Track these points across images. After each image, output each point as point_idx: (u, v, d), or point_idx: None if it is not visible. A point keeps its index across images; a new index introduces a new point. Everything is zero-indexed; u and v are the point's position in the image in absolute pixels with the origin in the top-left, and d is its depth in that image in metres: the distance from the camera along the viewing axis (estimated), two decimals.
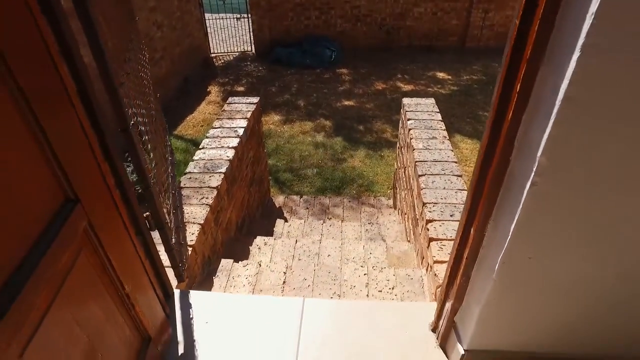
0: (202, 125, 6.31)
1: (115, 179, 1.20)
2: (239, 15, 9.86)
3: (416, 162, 2.51)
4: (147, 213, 1.41)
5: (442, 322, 1.46)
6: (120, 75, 1.26)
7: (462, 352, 1.33)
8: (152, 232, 1.47)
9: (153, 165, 1.53)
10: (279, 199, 4.23)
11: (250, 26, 9.34)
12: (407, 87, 7.56)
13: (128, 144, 1.30)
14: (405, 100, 3.27)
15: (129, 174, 1.29)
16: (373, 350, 1.56)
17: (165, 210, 1.63)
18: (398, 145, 3.62)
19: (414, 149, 2.63)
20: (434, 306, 1.58)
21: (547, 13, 0.75)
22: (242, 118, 3.12)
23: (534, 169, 0.86)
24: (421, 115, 3.04)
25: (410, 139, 2.78)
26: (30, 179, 0.83)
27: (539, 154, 0.84)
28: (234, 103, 3.35)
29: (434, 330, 1.58)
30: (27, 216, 0.81)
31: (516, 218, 0.93)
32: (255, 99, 3.39)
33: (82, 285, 0.98)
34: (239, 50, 9.71)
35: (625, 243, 0.98)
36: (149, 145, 1.52)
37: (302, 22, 9.40)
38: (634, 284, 1.08)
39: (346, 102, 7.08)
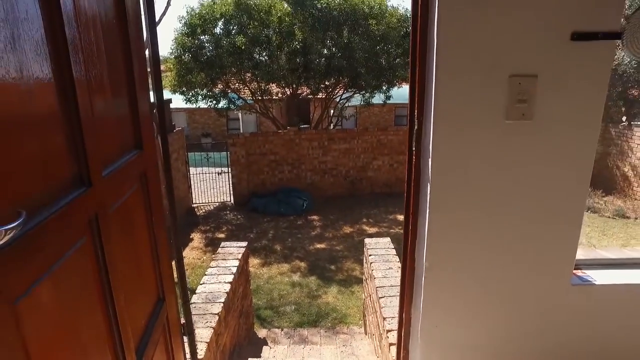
0: (186, 270, 6.80)
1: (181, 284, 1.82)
2: (220, 170, 11.13)
3: (377, 287, 3.17)
4: (183, 321, 1.98)
5: None
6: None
7: None
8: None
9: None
10: (262, 332, 4.63)
11: (230, 179, 10.55)
12: (372, 230, 8.52)
13: (179, 272, 1.95)
14: (367, 240, 4.07)
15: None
16: None
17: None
18: (364, 278, 4.28)
19: (374, 278, 3.31)
20: None
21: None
22: (234, 259, 3.78)
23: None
24: (380, 251, 3.81)
25: (372, 270, 3.48)
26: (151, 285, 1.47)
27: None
28: (227, 247, 4.04)
29: None
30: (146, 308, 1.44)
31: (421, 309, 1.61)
32: (244, 243, 4.10)
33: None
34: (219, 200, 10.73)
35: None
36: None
37: (276, 175, 10.73)
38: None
39: (318, 245, 7.85)
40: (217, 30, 10.44)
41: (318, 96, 11.68)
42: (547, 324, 1.65)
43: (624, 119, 12.32)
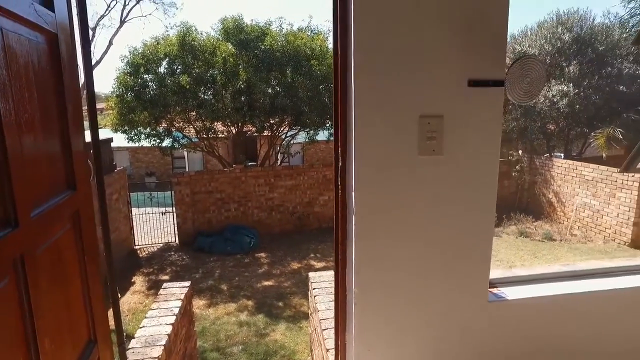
0: (126, 315, 6.44)
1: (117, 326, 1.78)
2: (164, 210, 10.81)
3: (320, 320, 3.21)
4: None
5: None
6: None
7: None
8: None
9: None
10: None
11: (175, 219, 10.26)
12: (319, 264, 8.56)
13: (115, 314, 1.91)
14: (311, 275, 4.13)
15: None
16: None
17: None
18: (309, 312, 4.31)
19: (318, 311, 3.36)
20: None
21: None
22: (177, 299, 3.68)
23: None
24: (323, 284, 3.87)
25: (316, 304, 3.53)
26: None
27: None
28: (169, 287, 3.93)
29: None
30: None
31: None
32: (187, 283, 4.01)
33: None
34: (163, 241, 10.36)
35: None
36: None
37: (222, 213, 10.59)
38: None
39: (266, 283, 7.76)
40: (161, 69, 10.44)
41: (264, 134, 11.84)
42: (470, 338, 1.79)
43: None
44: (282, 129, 11.88)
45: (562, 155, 13.78)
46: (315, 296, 3.65)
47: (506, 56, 1.54)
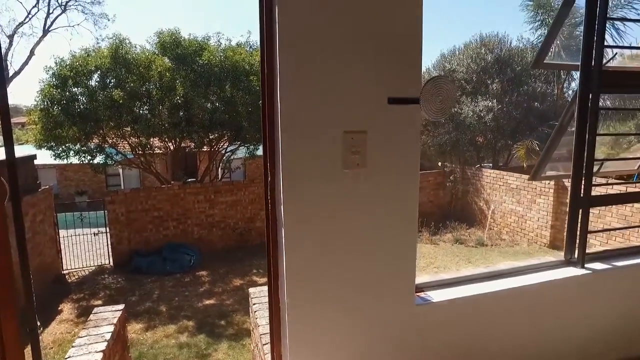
0: (51, 348, 5.97)
1: None
2: (97, 230, 10.19)
3: (261, 335, 3.19)
4: None
5: None
6: None
7: None
8: None
9: None
10: None
11: (109, 239, 9.71)
12: (262, 280, 8.47)
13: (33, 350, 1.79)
14: (251, 290, 4.09)
15: None
16: None
17: None
18: (251, 328, 4.25)
19: (259, 326, 3.34)
20: None
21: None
22: (109, 324, 3.49)
23: None
24: (264, 299, 3.85)
25: (256, 319, 3.51)
26: None
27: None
28: (100, 312, 3.72)
29: None
30: None
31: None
32: (121, 306, 3.81)
33: None
34: (96, 264, 9.74)
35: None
36: None
37: (161, 232, 10.19)
38: None
39: (207, 302, 7.55)
40: (92, 82, 9.95)
41: (203, 149, 11.62)
42: (400, 341, 1.88)
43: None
44: (221, 144, 11.72)
45: (490, 165, 14.79)
46: (255, 311, 3.62)
47: (422, 76, 1.67)
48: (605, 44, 2.21)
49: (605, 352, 2.46)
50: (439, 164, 14.76)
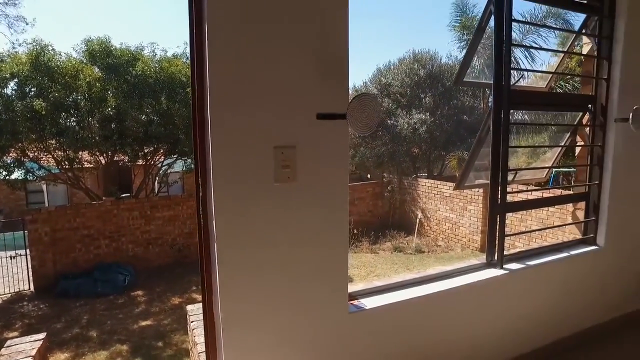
0: None
1: None
2: (14, 253, 9.34)
3: (199, 353, 3.10)
4: None
5: None
6: None
7: None
8: None
9: None
10: None
11: (29, 262, 8.95)
12: None
13: None
14: (189, 307, 3.97)
15: None
16: None
17: None
18: (190, 347, 4.11)
19: (197, 344, 3.24)
20: None
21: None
22: (26, 357, 3.21)
23: None
24: (202, 316, 3.75)
25: (194, 337, 3.40)
26: None
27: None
28: (15, 345, 3.41)
29: None
30: None
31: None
32: (42, 335, 3.52)
33: None
34: (12, 290, 8.90)
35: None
36: None
37: (91, 251, 9.57)
38: None
39: (143, 323, 7.18)
40: (7, 91, 9.18)
41: (138, 163, 11.12)
42: (336, 350, 1.93)
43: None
44: (158, 157, 11.30)
45: (426, 175, 15.51)
46: (194, 329, 3.51)
47: (349, 92, 1.76)
48: (513, 66, 2.45)
49: (522, 342, 2.69)
50: (379, 174, 15.24)
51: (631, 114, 2.78)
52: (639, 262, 3.33)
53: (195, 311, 3.91)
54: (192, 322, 3.68)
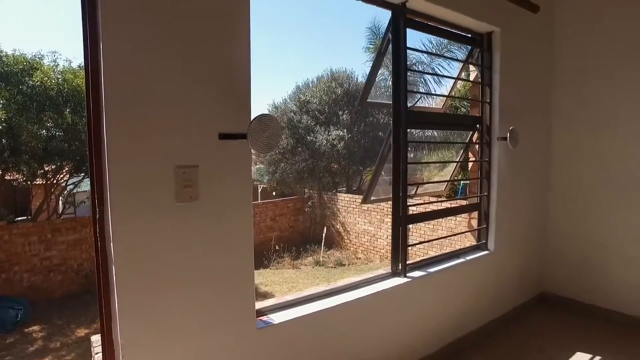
0: None
1: None
2: None
3: None
4: None
5: None
6: None
7: None
8: None
9: None
10: None
11: None
12: None
13: None
14: (93, 338, 3.68)
15: None
16: None
17: None
18: None
19: None
20: None
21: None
22: None
23: None
24: None
25: None
26: None
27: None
28: None
29: None
30: None
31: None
32: None
33: None
34: None
35: None
36: None
37: None
38: None
39: None
40: None
41: (37, 182, 10.12)
42: None
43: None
44: (61, 176, 10.38)
45: (345, 189, 15.99)
46: None
47: (251, 112, 1.81)
48: (409, 89, 2.69)
49: (429, 343, 2.90)
50: (300, 190, 15.41)
51: (508, 134, 3.18)
52: (522, 263, 3.77)
53: (98, 342, 3.62)
54: (96, 354, 3.41)
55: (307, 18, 29.88)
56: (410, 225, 12.20)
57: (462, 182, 10.32)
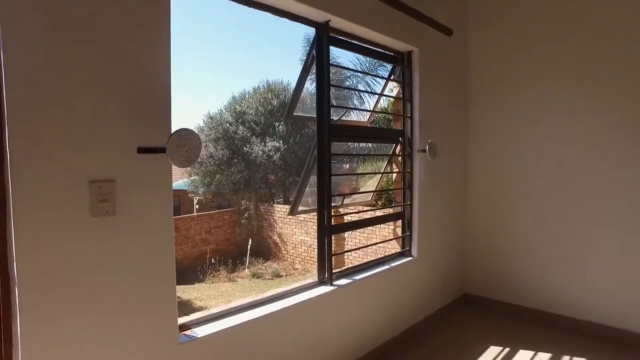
0: None
1: None
2: None
3: None
4: None
5: None
6: None
7: None
8: None
9: None
10: None
11: None
12: None
13: None
14: None
15: None
16: None
17: None
18: None
19: None
20: None
21: None
22: None
23: None
24: None
25: None
26: None
27: None
28: None
29: None
30: None
31: None
32: None
33: None
34: None
35: None
36: None
37: None
38: None
39: None
40: None
41: None
42: None
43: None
44: None
45: (282, 200, 16.00)
46: None
47: (171, 126, 1.81)
48: (341, 104, 2.81)
49: (357, 347, 2.99)
50: (236, 201, 15.19)
51: (427, 146, 3.41)
52: (444, 267, 4.02)
53: None
54: None
55: (242, 28, 29.80)
56: (346, 235, 12.34)
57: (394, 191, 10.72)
